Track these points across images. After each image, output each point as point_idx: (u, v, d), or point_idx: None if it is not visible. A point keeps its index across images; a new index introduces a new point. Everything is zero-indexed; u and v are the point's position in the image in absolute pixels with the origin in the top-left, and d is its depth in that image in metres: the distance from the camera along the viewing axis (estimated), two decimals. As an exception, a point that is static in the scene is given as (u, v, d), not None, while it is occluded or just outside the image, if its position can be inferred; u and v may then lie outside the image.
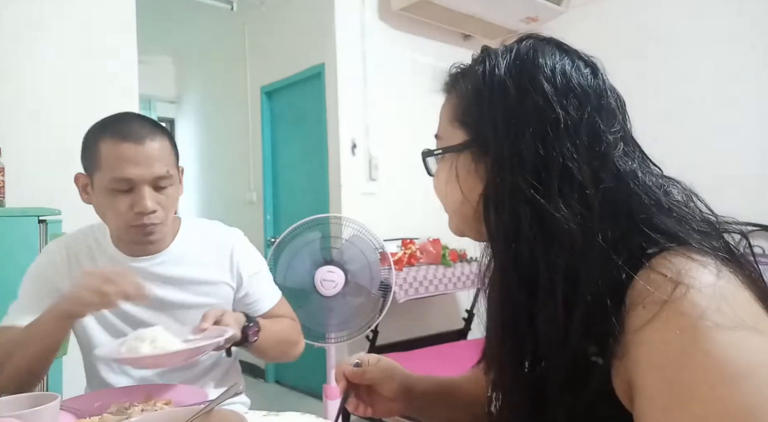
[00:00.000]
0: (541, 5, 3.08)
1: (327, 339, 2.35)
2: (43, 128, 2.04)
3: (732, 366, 0.41)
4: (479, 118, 0.57)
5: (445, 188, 0.62)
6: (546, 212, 0.50)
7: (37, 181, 1.96)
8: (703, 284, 0.44)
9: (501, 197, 0.53)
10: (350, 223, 2.39)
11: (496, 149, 0.54)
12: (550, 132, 0.52)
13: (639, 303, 0.46)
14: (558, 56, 0.56)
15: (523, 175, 0.52)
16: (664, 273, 0.46)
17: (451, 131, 0.61)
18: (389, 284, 2.45)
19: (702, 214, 0.54)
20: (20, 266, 1.10)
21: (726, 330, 0.42)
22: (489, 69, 0.57)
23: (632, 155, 0.55)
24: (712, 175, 2.85)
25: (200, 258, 1.14)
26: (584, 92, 0.54)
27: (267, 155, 3.66)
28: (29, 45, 2.03)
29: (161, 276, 1.10)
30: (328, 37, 3.06)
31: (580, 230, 0.50)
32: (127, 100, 2.24)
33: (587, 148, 0.52)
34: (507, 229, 0.53)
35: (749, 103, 2.70)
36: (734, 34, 2.73)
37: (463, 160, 0.59)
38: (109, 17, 2.22)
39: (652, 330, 0.44)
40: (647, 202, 0.51)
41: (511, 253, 0.53)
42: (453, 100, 0.62)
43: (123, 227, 1.02)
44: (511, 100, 0.54)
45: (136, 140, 0.98)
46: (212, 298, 1.14)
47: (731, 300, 0.44)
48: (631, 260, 0.48)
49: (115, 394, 0.91)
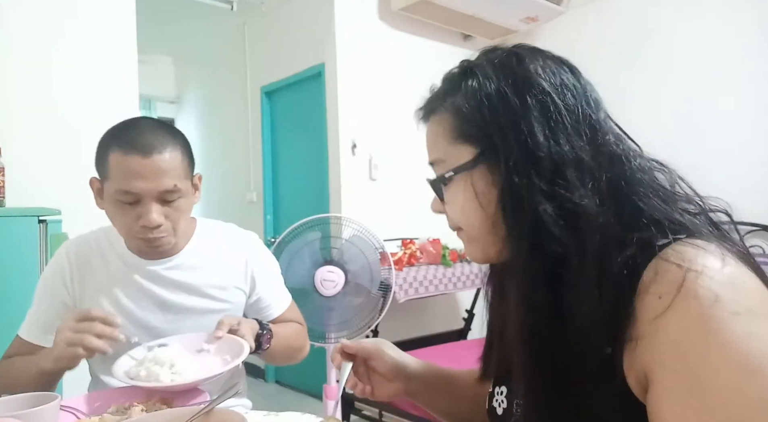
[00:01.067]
0: (541, 5, 3.08)
1: (327, 339, 2.35)
2: (43, 128, 2.04)
3: (749, 357, 0.41)
4: (486, 127, 0.56)
5: (463, 209, 0.61)
6: (570, 203, 0.51)
7: (37, 181, 1.96)
8: (713, 271, 0.45)
9: (521, 198, 0.53)
10: (350, 223, 2.39)
11: (508, 154, 0.54)
12: (556, 128, 0.54)
13: (652, 292, 0.46)
14: (540, 58, 0.59)
15: (540, 172, 0.52)
16: (675, 261, 0.46)
17: (455, 150, 0.60)
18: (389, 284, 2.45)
19: (688, 196, 0.56)
20: (20, 266, 1.10)
21: (741, 319, 0.42)
22: (482, 79, 0.58)
23: (621, 139, 0.57)
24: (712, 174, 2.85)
25: (214, 262, 1.13)
26: (573, 86, 0.57)
27: (267, 155, 3.66)
28: (29, 45, 2.03)
29: (173, 281, 1.09)
30: (328, 37, 3.06)
31: (601, 216, 0.51)
32: (127, 100, 2.24)
33: (589, 138, 0.54)
34: (532, 228, 0.52)
35: (749, 103, 2.70)
36: (734, 33, 2.73)
37: (478, 174, 0.58)
38: (109, 17, 2.22)
39: (668, 320, 0.45)
40: (642, 184, 0.54)
41: (539, 252, 0.52)
42: (446, 120, 0.61)
43: (129, 237, 1.03)
44: (513, 104, 0.55)
45: (144, 153, 0.95)
46: (224, 303, 1.13)
47: (741, 286, 0.45)
48: (643, 247, 0.49)
49: (115, 394, 0.91)
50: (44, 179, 1.98)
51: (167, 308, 1.09)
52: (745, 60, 2.70)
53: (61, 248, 1.11)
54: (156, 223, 0.98)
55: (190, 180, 1.06)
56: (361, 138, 3.09)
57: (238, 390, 0.84)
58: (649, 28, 3.02)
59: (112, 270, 1.08)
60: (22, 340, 1.06)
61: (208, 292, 1.11)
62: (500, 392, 0.68)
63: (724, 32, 2.76)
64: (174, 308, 1.09)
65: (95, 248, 1.10)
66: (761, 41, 2.65)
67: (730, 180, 2.74)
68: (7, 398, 0.79)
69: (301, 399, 3.31)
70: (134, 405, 0.83)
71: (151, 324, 1.08)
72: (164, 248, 1.04)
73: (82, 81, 2.14)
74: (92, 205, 1.04)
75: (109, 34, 2.22)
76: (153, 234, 0.99)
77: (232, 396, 0.80)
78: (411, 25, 3.29)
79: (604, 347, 0.49)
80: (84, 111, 2.09)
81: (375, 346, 0.79)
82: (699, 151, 2.83)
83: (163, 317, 1.08)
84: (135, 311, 1.07)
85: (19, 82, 2.01)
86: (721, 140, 2.77)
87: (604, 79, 2.18)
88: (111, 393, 0.89)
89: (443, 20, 3.24)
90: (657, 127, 2.99)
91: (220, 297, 1.13)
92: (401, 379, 0.79)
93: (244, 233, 1.22)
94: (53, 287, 1.07)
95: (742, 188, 2.70)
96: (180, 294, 1.09)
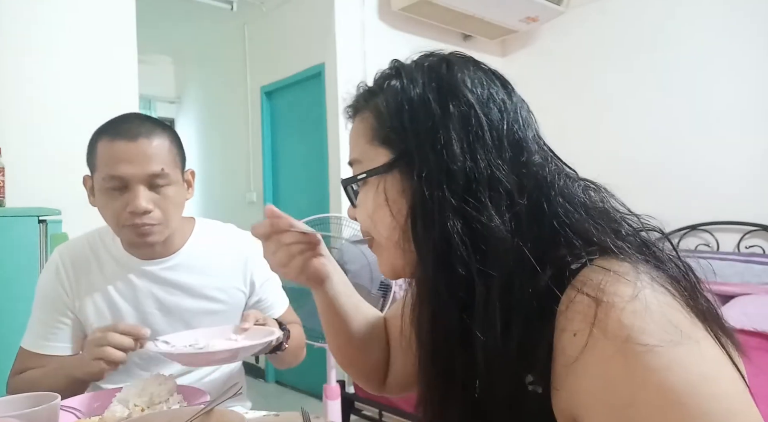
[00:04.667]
0: (541, 5, 3.08)
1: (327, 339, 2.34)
2: (43, 128, 2.04)
3: (670, 391, 0.40)
4: (403, 132, 0.54)
5: (372, 215, 0.58)
6: (479, 223, 0.49)
7: (37, 181, 1.96)
8: (624, 301, 0.43)
9: (430, 211, 0.51)
10: (350, 223, 2.39)
11: (422, 163, 0.52)
12: (475, 142, 0.51)
13: (569, 330, 0.45)
14: (472, 69, 0.56)
15: (452, 187, 0.50)
16: (586, 292, 0.44)
17: (372, 152, 0.57)
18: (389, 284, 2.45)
19: (621, 214, 0.53)
20: (20, 266, 1.10)
21: (656, 351, 0.41)
22: (406, 82, 0.55)
23: (548, 162, 0.54)
24: (712, 174, 2.86)
25: (212, 263, 1.12)
26: (503, 103, 0.54)
27: (267, 155, 3.66)
28: (29, 45, 2.03)
29: (171, 281, 1.08)
30: (328, 37, 3.06)
31: (512, 239, 0.49)
32: (127, 100, 2.24)
33: (511, 157, 0.52)
34: (438, 245, 0.50)
35: (750, 103, 2.70)
36: (734, 33, 2.73)
37: (391, 180, 0.55)
38: (109, 17, 2.22)
39: (586, 360, 0.43)
40: (568, 208, 0.51)
41: (443, 270, 0.50)
42: (367, 119, 0.59)
43: (118, 227, 1.01)
44: (434, 111, 0.52)
45: (130, 137, 0.96)
46: (223, 304, 1.12)
47: (655, 313, 0.42)
48: (557, 275, 0.47)
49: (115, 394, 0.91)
50: (44, 179, 1.98)
51: (164, 309, 1.08)
52: (745, 60, 2.71)
53: (53, 254, 1.09)
54: (143, 207, 0.96)
55: (180, 171, 1.05)
56: (361, 138, 3.09)
57: (238, 390, 0.84)
58: (649, 28, 3.02)
59: (107, 272, 1.07)
60: (27, 352, 1.05)
61: (206, 293, 1.11)
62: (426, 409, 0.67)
63: (724, 32, 2.76)
64: (171, 309, 1.08)
65: (89, 250, 1.09)
66: (761, 41, 2.65)
67: (730, 180, 2.75)
68: (7, 398, 0.79)
69: (301, 399, 3.31)
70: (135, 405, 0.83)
71: (149, 325, 1.06)
72: (154, 238, 1.01)
73: (82, 81, 2.14)
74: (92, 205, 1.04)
75: (109, 34, 2.22)
76: (141, 220, 0.97)
77: (232, 397, 0.80)
78: (411, 25, 3.29)
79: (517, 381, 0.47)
80: (84, 111, 2.09)
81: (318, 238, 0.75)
82: (699, 151, 2.83)
83: (160, 318, 1.08)
84: (131, 312, 1.06)
85: (19, 83, 2.01)
86: (721, 140, 2.77)
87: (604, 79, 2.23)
88: (111, 393, 0.89)
89: (443, 20, 3.24)
90: (657, 127, 2.99)
91: (218, 298, 1.12)
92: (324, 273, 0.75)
93: (244, 233, 1.21)
94: (51, 293, 1.06)
95: (742, 188, 2.70)
96: (177, 295, 1.08)
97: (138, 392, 0.85)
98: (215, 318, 1.11)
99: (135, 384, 0.87)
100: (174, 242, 1.09)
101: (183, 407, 0.84)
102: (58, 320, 1.06)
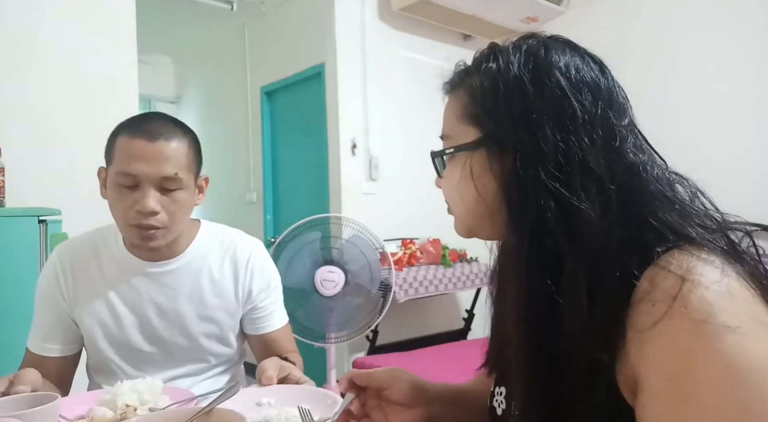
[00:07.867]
0: (541, 5, 3.08)
1: (327, 339, 2.35)
2: (43, 128, 2.04)
3: (735, 370, 0.41)
4: (496, 113, 0.56)
5: (457, 187, 0.61)
6: (570, 205, 0.51)
7: (37, 181, 1.96)
8: (710, 281, 0.44)
9: (525, 191, 0.53)
10: (350, 223, 2.39)
11: (517, 144, 0.54)
12: (568, 125, 0.53)
13: (647, 300, 0.46)
14: (569, 53, 0.57)
15: (547, 168, 0.52)
16: (672, 270, 0.46)
17: (462, 129, 0.60)
18: (389, 284, 2.45)
19: (707, 211, 0.55)
20: (20, 266, 1.10)
21: (733, 330, 0.42)
22: (503, 64, 0.57)
23: (642, 149, 0.56)
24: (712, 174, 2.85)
25: (213, 267, 1.11)
26: (596, 87, 0.55)
27: (267, 155, 3.66)
28: (29, 45, 2.03)
29: (172, 285, 1.08)
30: (328, 37, 3.06)
31: (601, 223, 0.50)
32: (126, 100, 2.23)
33: (603, 141, 0.53)
34: (533, 223, 0.52)
35: (750, 103, 2.70)
36: (734, 33, 2.73)
37: (478, 157, 0.58)
38: (109, 17, 2.22)
39: (661, 328, 0.44)
40: (657, 196, 0.52)
41: (537, 247, 0.52)
42: (461, 98, 0.61)
43: (124, 225, 1.00)
44: (528, 95, 0.54)
45: (149, 137, 0.95)
46: (220, 311, 1.11)
47: (737, 298, 0.44)
48: (643, 258, 0.48)
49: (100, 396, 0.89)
50: (44, 179, 1.98)
51: (162, 314, 1.07)
52: (745, 60, 2.70)
53: (52, 254, 1.09)
54: (150, 208, 0.95)
55: (194, 176, 1.04)
56: (361, 138, 3.10)
57: (238, 390, 0.84)
58: (649, 28, 3.02)
59: (107, 273, 1.07)
60: (30, 353, 1.06)
61: (205, 298, 1.09)
62: (500, 392, 0.68)
63: (724, 32, 2.76)
64: (169, 313, 1.07)
65: (89, 250, 1.08)
66: (762, 41, 2.65)
67: (730, 180, 2.74)
68: (7, 398, 0.79)
69: (301, 399, 3.30)
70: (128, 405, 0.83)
71: (148, 327, 1.07)
72: (157, 243, 1.00)
73: (82, 81, 2.13)
74: (92, 205, 1.04)
75: (109, 34, 2.22)
76: (147, 221, 0.97)
77: (232, 396, 0.80)
78: (411, 25, 3.29)
79: (593, 354, 0.48)
80: (84, 111, 2.08)
81: (389, 374, 0.73)
82: (699, 151, 2.83)
83: (159, 321, 1.07)
84: (128, 315, 1.06)
85: (18, 83, 2.00)
86: (721, 140, 2.77)
87: (604, 79, 2.11)
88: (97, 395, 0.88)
89: (443, 20, 3.24)
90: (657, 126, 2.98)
91: (217, 305, 1.11)
92: (421, 404, 0.73)
93: (249, 239, 1.19)
94: (48, 295, 1.06)
95: (742, 188, 2.70)
96: (176, 299, 1.08)
97: (126, 392, 0.85)
98: (214, 323, 1.11)
99: (121, 385, 0.87)
100: (178, 245, 1.08)
101: (183, 407, 0.84)
102: (55, 322, 1.06)
